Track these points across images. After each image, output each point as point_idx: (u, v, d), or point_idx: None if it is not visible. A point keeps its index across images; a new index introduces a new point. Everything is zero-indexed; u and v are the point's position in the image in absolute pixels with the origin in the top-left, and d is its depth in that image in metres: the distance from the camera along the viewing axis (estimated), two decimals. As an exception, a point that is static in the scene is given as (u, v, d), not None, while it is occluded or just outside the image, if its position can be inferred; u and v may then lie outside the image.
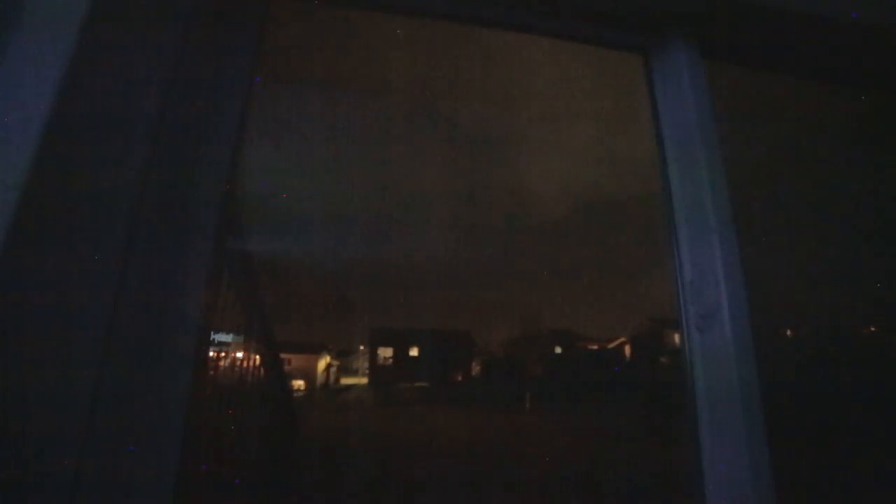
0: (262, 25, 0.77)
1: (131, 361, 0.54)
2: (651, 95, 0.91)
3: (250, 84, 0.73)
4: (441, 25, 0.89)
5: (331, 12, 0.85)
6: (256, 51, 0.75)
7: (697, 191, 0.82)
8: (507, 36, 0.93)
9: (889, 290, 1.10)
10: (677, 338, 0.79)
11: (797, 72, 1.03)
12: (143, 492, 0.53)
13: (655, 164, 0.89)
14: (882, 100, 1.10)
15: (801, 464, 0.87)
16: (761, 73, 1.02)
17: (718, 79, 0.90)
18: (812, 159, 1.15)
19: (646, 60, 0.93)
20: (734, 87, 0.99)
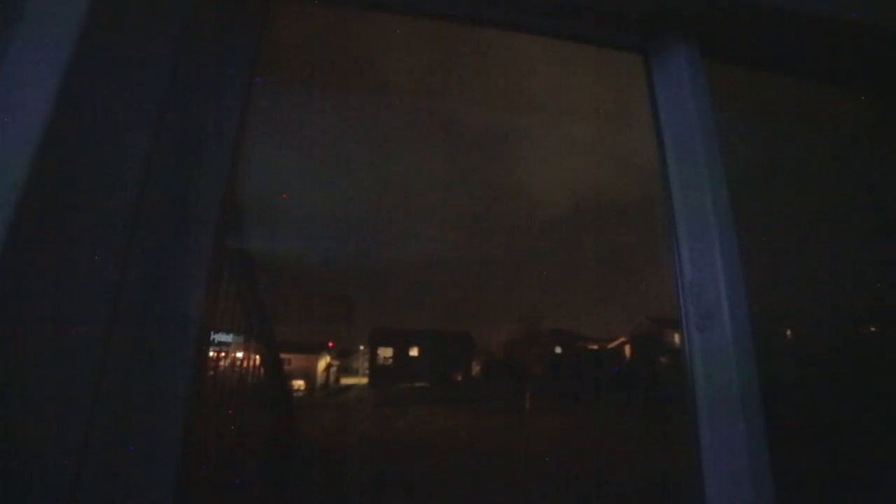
0: (262, 25, 0.77)
1: (131, 361, 0.54)
2: (651, 95, 0.91)
3: (250, 84, 0.73)
4: (441, 25, 0.89)
5: (331, 12, 0.85)
6: (256, 51, 0.75)
7: (697, 191, 0.82)
8: (507, 36, 0.93)
9: (889, 290, 1.10)
10: (677, 338, 0.79)
11: (797, 72, 1.03)
12: (143, 492, 0.53)
13: (655, 164, 0.89)
14: (882, 100, 1.10)
15: (801, 464, 0.87)
16: (761, 73, 1.02)
17: (718, 79, 0.90)
18: (812, 159, 1.15)
19: (646, 60, 0.93)
20: (734, 87, 0.99)
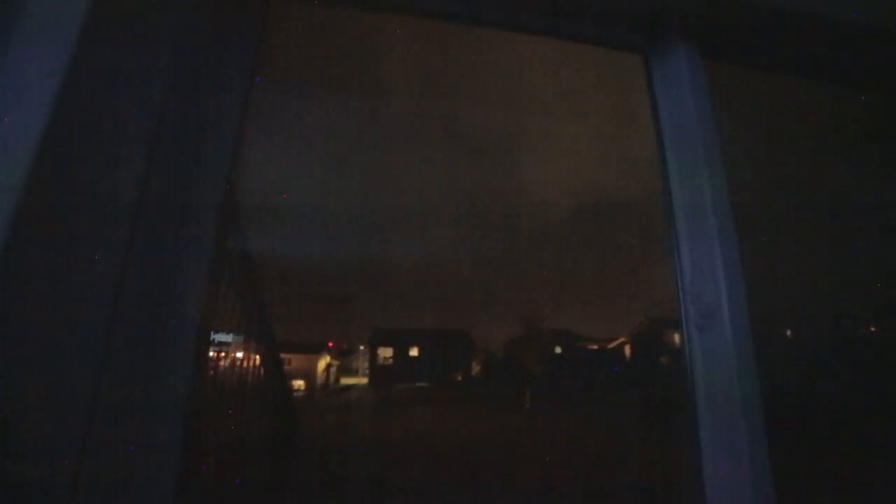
0: (262, 25, 0.77)
1: (131, 361, 0.54)
2: (651, 95, 0.91)
3: (250, 84, 0.73)
4: (441, 25, 0.89)
5: (331, 12, 0.85)
6: (256, 51, 0.75)
7: (697, 191, 0.82)
8: (507, 36, 0.93)
9: (889, 290, 1.10)
10: (677, 338, 0.79)
11: (797, 72, 1.03)
12: (143, 492, 0.53)
13: (655, 163, 0.89)
14: (882, 100, 1.10)
15: (800, 463, 0.87)
16: (761, 73, 1.02)
17: (718, 79, 0.90)
18: (812, 159, 1.15)
19: (646, 60, 0.93)
20: (734, 87, 0.99)
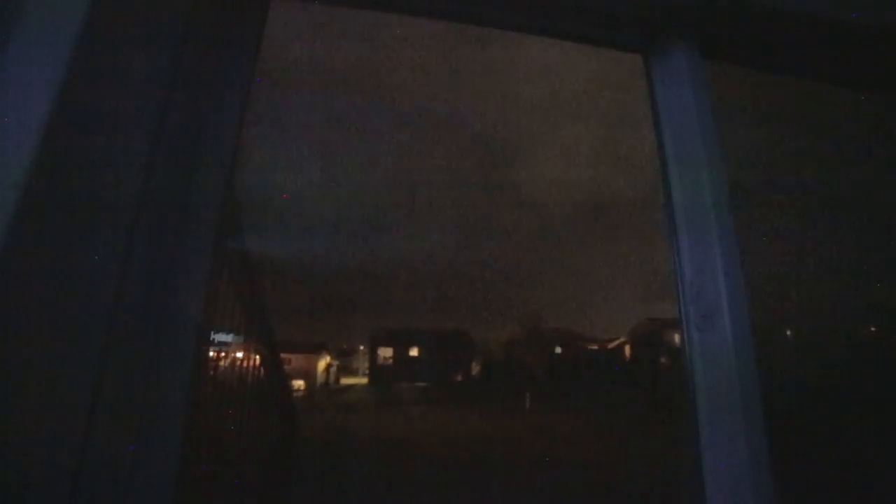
0: (262, 25, 0.77)
1: (131, 361, 0.54)
2: (651, 95, 0.91)
3: (250, 84, 0.73)
4: (442, 25, 0.89)
5: (331, 12, 0.85)
6: (256, 51, 0.75)
7: (697, 191, 0.82)
8: (507, 36, 0.93)
9: (889, 290, 1.10)
10: (677, 338, 0.79)
11: (797, 72, 1.03)
12: (144, 492, 0.53)
13: (656, 163, 0.89)
14: (882, 100, 1.10)
15: (801, 463, 0.87)
16: (761, 73, 1.02)
17: (718, 79, 0.90)
18: (812, 159, 1.15)
19: (646, 60, 0.92)
20: (734, 87, 0.99)
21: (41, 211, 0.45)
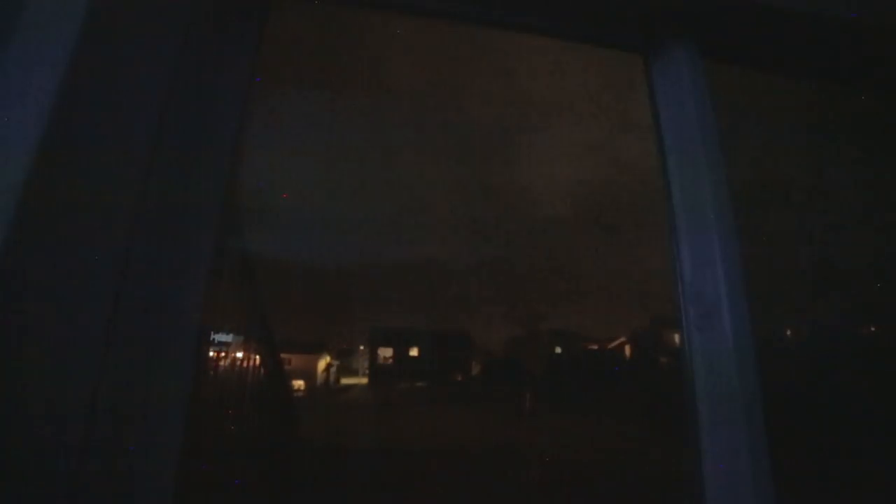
0: (262, 25, 0.77)
1: (131, 361, 0.54)
2: (651, 95, 0.91)
3: (250, 84, 0.73)
4: (442, 25, 0.89)
5: (331, 12, 0.85)
6: (256, 51, 0.75)
7: (697, 191, 0.82)
8: (506, 35, 0.93)
9: (889, 290, 1.10)
10: (677, 338, 0.79)
11: (797, 72, 1.03)
12: (144, 492, 0.53)
13: (655, 163, 0.89)
14: (882, 100, 1.10)
15: (801, 464, 0.87)
16: (761, 73, 1.02)
17: (718, 79, 0.90)
18: (812, 159, 1.15)
19: (646, 60, 0.92)
20: (734, 87, 0.99)
21: (41, 211, 0.45)
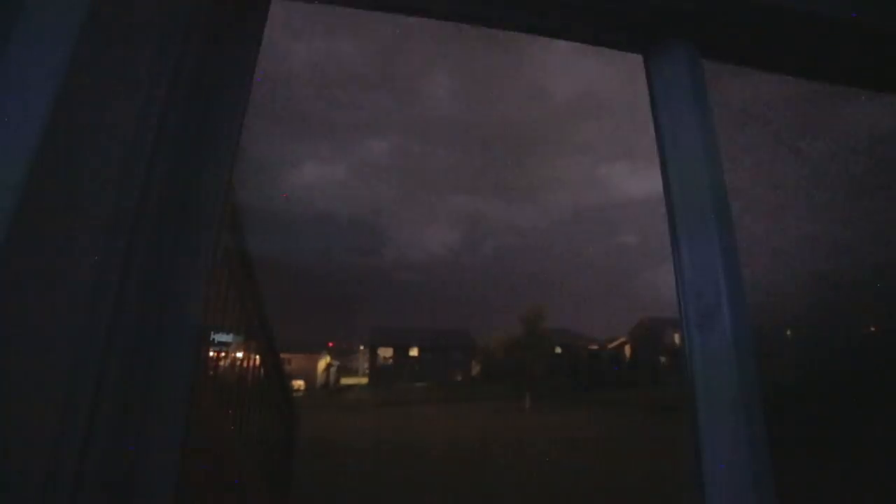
0: (262, 25, 0.77)
1: (131, 361, 0.54)
2: (651, 95, 0.91)
3: (250, 84, 0.73)
4: (442, 25, 0.89)
5: (331, 12, 0.85)
6: (256, 51, 0.75)
7: (697, 191, 0.82)
8: (506, 35, 0.93)
9: (889, 290, 1.10)
10: (677, 338, 0.79)
11: (797, 72, 1.03)
12: (144, 492, 0.53)
13: (655, 163, 0.89)
14: (882, 100, 1.10)
15: (802, 464, 0.87)
16: (761, 73, 1.02)
17: (718, 79, 0.90)
18: (812, 159, 1.15)
19: (646, 60, 0.92)
20: (734, 87, 0.99)
21: (41, 211, 0.45)
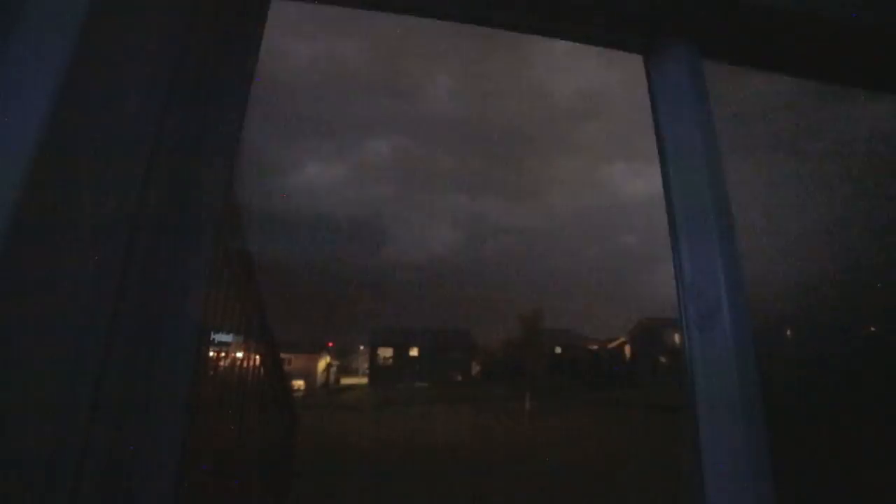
0: (262, 25, 0.77)
1: (131, 361, 0.54)
2: (651, 95, 0.91)
3: (250, 84, 0.73)
4: (441, 25, 0.89)
5: (331, 12, 0.85)
6: (257, 51, 0.75)
7: (697, 191, 0.82)
8: (506, 35, 0.93)
9: (889, 290, 1.10)
10: (677, 338, 0.79)
11: (797, 72, 1.03)
12: (144, 492, 0.53)
13: (655, 163, 0.89)
14: (882, 100, 1.10)
15: (801, 464, 0.87)
16: (761, 73, 1.02)
17: (718, 79, 0.90)
18: (812, 159, 1.15)
19: (646, 60, 0.92)
20: (734, 87, 0.99)
21: (41, 211, 0.45)
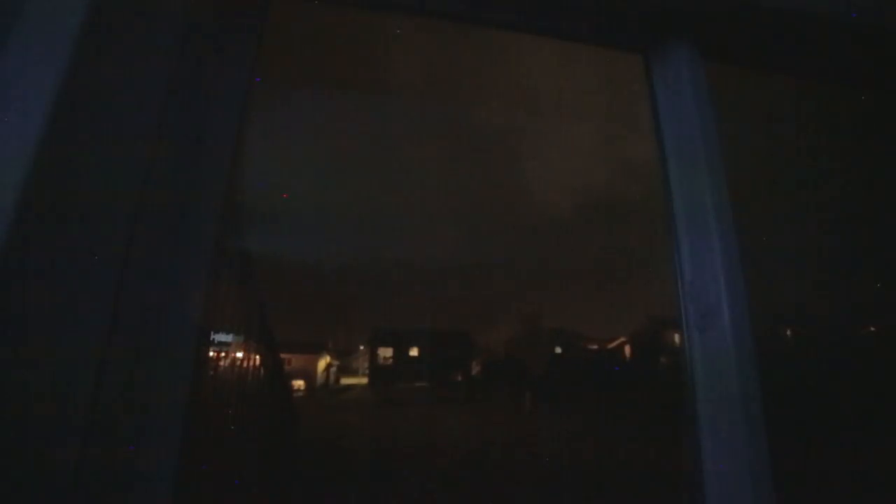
0: (262, 25, 0.77)
1: (131, 361, 0.54)
2: (651, 95, 0.91)
3: (250, 84, 0.73)
4: (441, 25, 0.89)
5: (331, 12, 0.85)
6: (256, 51, 0.75)
7: (697, 191, 0.82)
8: (506, 35, 0.93)
9: (889, 290, 1.10)
10: (677, 338, 0.79)
11: (797, 72, 1.03)
12: (144, 492, 0.53)
13: (656, 163, 0.89)
14: (882, 100, 1.10)
15: (801, 464, 0.87)
16: (761, 74, 1.02)
17: (718, 79, 0.90)
18: (812, 159, 1.15)
19: (646, 61, 0.92)
20: (734, 87, 0.99)
21: (41, 211, 0.45)
